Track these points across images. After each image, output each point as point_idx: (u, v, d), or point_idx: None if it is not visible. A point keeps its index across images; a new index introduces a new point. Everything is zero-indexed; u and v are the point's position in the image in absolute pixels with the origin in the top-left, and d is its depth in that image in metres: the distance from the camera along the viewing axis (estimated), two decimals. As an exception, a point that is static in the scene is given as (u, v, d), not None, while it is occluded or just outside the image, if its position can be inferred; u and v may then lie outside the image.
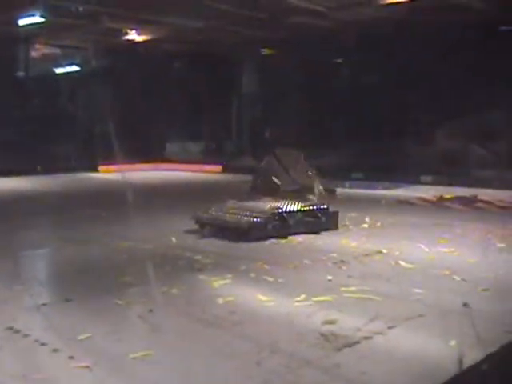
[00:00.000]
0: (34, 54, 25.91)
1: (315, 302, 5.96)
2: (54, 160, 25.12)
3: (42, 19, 19.85)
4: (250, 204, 10.75)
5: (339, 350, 4.72)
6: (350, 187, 17.31)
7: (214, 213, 10.25)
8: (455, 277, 6.97)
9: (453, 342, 4.76)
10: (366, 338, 4.94)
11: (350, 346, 4.78)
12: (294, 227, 9.87)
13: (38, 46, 25.89)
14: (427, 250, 8.61)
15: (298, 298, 6.04)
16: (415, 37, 18.93)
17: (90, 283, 6.87)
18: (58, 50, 27.63)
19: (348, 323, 5.29)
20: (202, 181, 21.64)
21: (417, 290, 6.36)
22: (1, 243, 9.40)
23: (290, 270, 7.36)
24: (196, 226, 10.22)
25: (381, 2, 17.40)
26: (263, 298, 6.07)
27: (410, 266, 7.58)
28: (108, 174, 23.22)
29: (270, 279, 6.84)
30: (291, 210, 10.05)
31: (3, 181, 20.23)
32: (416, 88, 19.54)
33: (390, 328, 5.18)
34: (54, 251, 9.05)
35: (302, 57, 22.62)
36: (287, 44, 23.00)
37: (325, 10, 18.20)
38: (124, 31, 22.31)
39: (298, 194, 12.12)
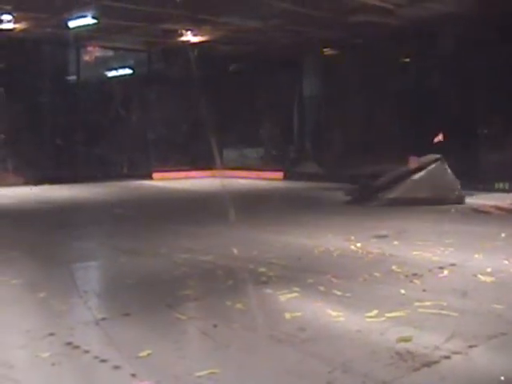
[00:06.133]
0: (85, 57, 26.26)
1: (388, 317, 5.88)
2: (107, 167, 25.47)
3: (94, 21, 20.14)
4: None
5: (417, 370, 4.63)
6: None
7: None
8: (539, 292, 6.83)
9: (541, 363, 4.67)
10: (445, 357, 4.84)
11: (428, 365, 4.69)
12: None
13: (89, 48, 26.23)
14: (506, 262, 8.43)
15: (370, 314, 5.98)
16: (487, 34, 18.67)
17: (148, 297, 6.91)
18: (110, 53, 28.00)
19: (424, 341, 5.20)
20: (262, 188, 21.64)
21: (497, 306, 6.23)
22: (57, 254, 9.59)
23: (360, 283, 7.30)
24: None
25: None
26: (333, 313, 6.02)
27: (489, 279, 7.45)
28: (163, 182, 23.46)
29: (339, 293, 6.78)
30: None
31: (56, 188, 20.60)
32: (489, 88, 19.24)
33: (470, 347, 5.06)
34: (111, 263, 9.13)
35: (367, 57, 22.50)
36: (351, 44, 22.94)
37: (392, 6, 18.06)
38: (179, 32, 22.48)
39: None
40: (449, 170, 15.86)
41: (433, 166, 15.78)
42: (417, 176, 15.60)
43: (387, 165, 16.71)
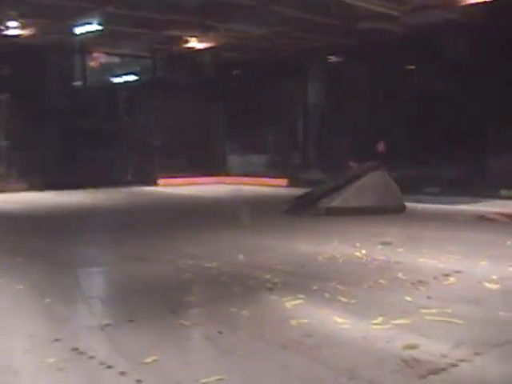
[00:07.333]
0: (90, 63, 26.32)
1: (394, 324, 5.85)
2: (112, 173, 25.48)
3: (100, 27, 20.19)
4: None
5: (423, 377, 4.59)
6: (424, 202, 17.06)
7: None
8: (546, 299, 6.79)
9: (548, 371, 4.64)
10: (452, 365, 4.80)
11: (435, 373, 4.65)
12: None
13: (95, 55, 26.29)
14: (512, 269, 8.42)
15: (376, 321, 5.94)
16: (495, 41, 18.66)
17: (153, 303, 6.89)
18: (115, 59, 28.06)
19: (431, 348, 5.16)
20: (266, 195, 21.63)
21: (503, 314, 6.20)
22: (62, 260, 9.56)
23: (365, 290, 7.26)
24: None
25: (460, 4, 17.09)
26: (339, 320, 5.98)
27: (495, 287, 7.40)
28: (168, 189, 23.46)
29: (345, 300, 6.74)
30: None
31: (61, 195, 20.62)
32: (496, 95, 19.20)
33: (477, 354, 5.03)
34: (116, 269, 9.11)
35: (371, 64, 22.48)
36: (355, 51, 22.93)
37: (397, 13, 18.03)
38: (184, 39, 22.51)
39: None
40: (389, 178, 15.31)
41: (372, 173, 15.10)
42: (357, 184, 14.91)
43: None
